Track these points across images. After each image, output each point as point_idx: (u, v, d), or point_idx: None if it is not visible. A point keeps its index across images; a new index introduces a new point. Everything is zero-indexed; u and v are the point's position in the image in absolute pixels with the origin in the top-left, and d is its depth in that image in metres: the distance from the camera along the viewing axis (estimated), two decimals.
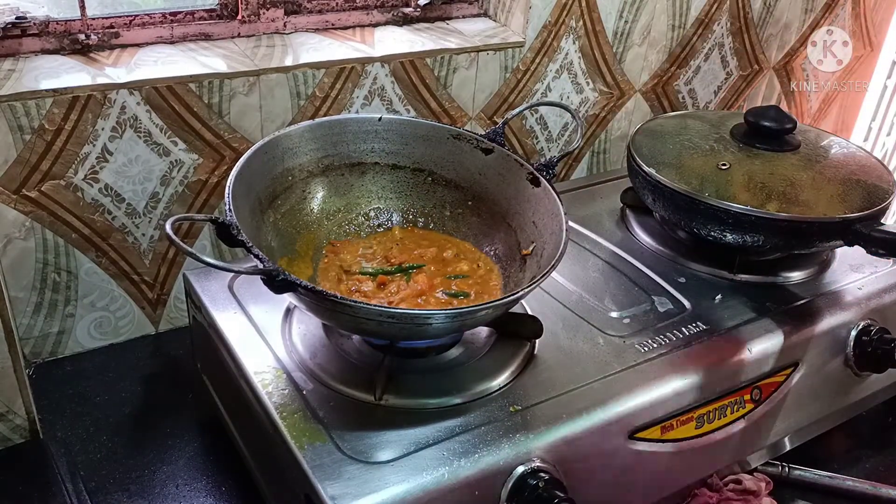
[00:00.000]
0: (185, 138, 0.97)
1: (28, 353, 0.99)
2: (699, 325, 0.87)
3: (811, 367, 0.90)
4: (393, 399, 0.73)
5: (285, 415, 0.71)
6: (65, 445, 0.89)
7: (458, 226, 0.90)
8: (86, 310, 1.01)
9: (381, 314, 0.68)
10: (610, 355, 0.81)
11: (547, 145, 1.29)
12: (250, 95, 0.99)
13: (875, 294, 0.95)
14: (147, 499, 0.83)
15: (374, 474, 0.65)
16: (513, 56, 1.17)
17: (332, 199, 0.88)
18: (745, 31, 1.42)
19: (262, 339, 0.80)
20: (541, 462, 0.70)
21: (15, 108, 0.86)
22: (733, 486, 0.86)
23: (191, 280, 0.87)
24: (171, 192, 0.99)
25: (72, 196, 0.93)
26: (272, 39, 1.07)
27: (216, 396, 0.89)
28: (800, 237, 0.92)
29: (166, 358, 1.04)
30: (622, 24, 1.25)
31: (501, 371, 0.77)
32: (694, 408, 0.81)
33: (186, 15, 1.02)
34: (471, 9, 1.23)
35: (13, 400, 0.83)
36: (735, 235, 0.92)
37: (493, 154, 0.88)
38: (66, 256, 0.96)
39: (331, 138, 0.87)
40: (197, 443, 0.91)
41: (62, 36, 0.95)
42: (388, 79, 1.08)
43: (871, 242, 0.89)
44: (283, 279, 0.66)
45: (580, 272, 0.95)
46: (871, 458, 0.98)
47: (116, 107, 0.91)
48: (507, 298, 0.71)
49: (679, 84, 1.40)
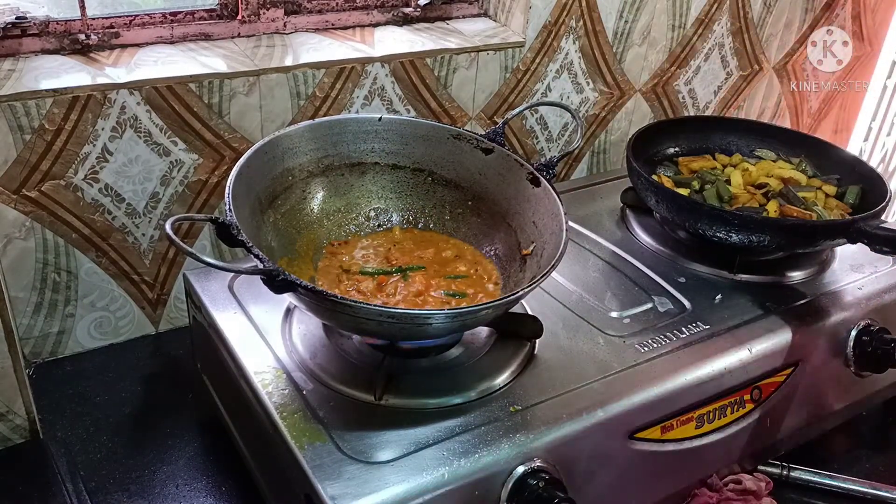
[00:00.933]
0: (185, 138, 0.97)
1: (28, 353, 0.99)
2: (699, 325, 0.87)
3: (811, 367, 0.90)
4: (393, 399, 0.73)
5: (285, 415, 0.71)
6: (65, 445, 0.89)
7: (458, 226, 0.90)
8: (86, 310, 1.01)
9: (381, 314, 0.68)
10: (610, 355, 0.81)
11: (547, 145, 1.29)
12: (250, 95, 0.99)
13: (875, 294, 0.95)
14: (147, 499, 0.83)
15: (374, 474, 0.65)
16: (513, 56, 1.17)
17: (332, 199, 0.88)
18: (746, 31, 1.42)
19: (262, 339, 0.80)
20: (541, 462, 0.70)
21: (15, 108, 0.86)
22: (733, 486, 0.86)
23: (191, 280, 0.87)
24: (171, 192, 0.99)
25: (72, 196, 0.93)
26: (272, 39, 1.07)
27: (216, 396, 0.89)
28: (804, 236, 0.92)
29: (166, 358, 1.04)
30: (622, 24, 1.25)
31: (501, 371, 0.77)
32: (694, 408, 0.81)
33: (186, 15, 1.02)
34: (471, 9, 1.23)
35: (13, 400, 0.83)
36: (741, 236, 0.92)
37: (493, 154, 0.88)
38: (66, 256, 0.96)
39: (331, 138, 0.87)
40: (197, 443, 0.91)
41: (62, 36, 0.95)
42: (388, 79, 1.08)
43: (875, 240, 0.89)
44: (283, 279, 0.66)
45: (580, 272, 0.95)
46: (871, 458, 0.98)
47: (116, 107, 0.91)
48: (507, 298, 0.71)
49: (679, 84, 1.40)
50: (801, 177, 1.06)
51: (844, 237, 0.91)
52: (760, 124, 1.19)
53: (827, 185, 1.06)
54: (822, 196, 1.04)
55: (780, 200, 1.01)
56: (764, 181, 1.05)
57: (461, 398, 0.74)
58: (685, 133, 1.16)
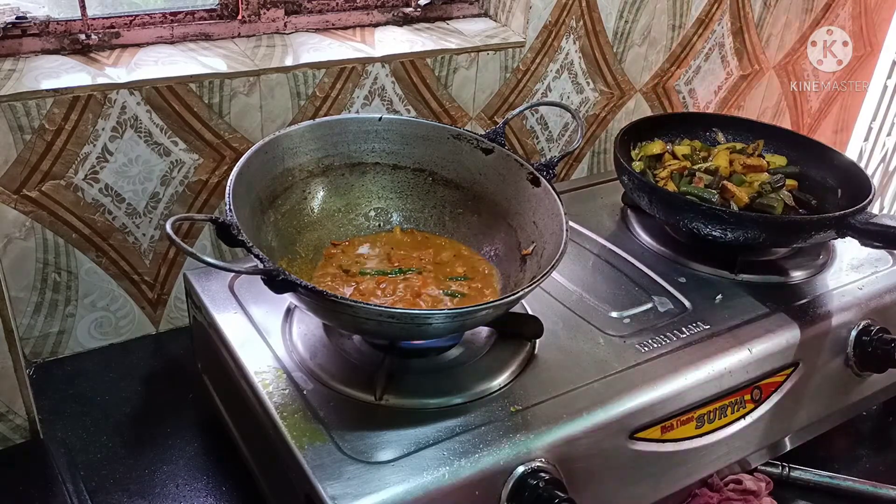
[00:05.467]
0: (186, 138, 0.97)
1: (28, 353, 0.99)
2: (699, 325, 0.87)
3: (811, 367, 0.90)
4: (393, 399, 0.73)
5: (286, 415, 0.71)
6: (65, 445, 0.89)
7: (458, 226, 0.90)
8: (86, 310, 1.01)
9: (381, 314, 0.68)
10: (610, 355, 0.81)
11: (547, 145, 1.29)
12: (251, 95, 0.99)
13: (875, 294, 0.95)
14: (147, 499, 0.83)
15: (375, 474, 0.65)
16: (513, 56, 1.17)
17: (332, 199, 0.88)
18: (746, 30, 1.42)
19: (262, 339, 0.80)
20: (541, 462, 0.70)
21: (15, 108, 0.86)
22: (734, 486, 0.86)
23: (191, 280, 0.87)
24: (172, 192, 1.00)
25: (72, 196, 0.93)
26: (272, 39, 1.07)
27: (216, 396, 0.89)
28: (793, 232, 0.93)
29: (166, 358, 1.04)
30: (622, 24, 1.25)
31: (502, 371, 0.77)
32: (694, 408, 0.81)
33: (187, 15, 1.02)
34: (471, 9, 1.23)
35: (13, 400, 0.83)
36: (734, 233, 0.92)
37: (493, 154, 0.88)
38: (67, 256, 0.96)
39: (331, 138, 0.87)
40: (197, 443, 0.91)
41: (62, 36, 0.95)
42: (389, 79, 1.08)
43: (865, 235, 0.90)
44: (283, 279, 0.66)
45: (580, 272, 0.95)
46: (871, 458, 0.98)
47: (117, 107, 0.91)
48: (507, 298, 0.71)
49: (679, 84, 1.40)
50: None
51: (834, 230, 0.92)
52: (743, 119, 1.19)
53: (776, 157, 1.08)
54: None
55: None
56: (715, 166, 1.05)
57: (461, 398, 0.74)
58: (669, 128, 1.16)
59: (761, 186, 1.02)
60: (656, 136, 1.12)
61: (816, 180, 1.07)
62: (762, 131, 1.14)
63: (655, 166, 1.08)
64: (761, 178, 1.02)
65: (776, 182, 1.02)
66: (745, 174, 1.03)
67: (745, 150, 1.10)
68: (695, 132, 1.15)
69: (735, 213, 0.94)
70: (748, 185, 1.02)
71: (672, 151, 1.09)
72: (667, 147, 1.10)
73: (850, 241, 0.93)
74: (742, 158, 1.06)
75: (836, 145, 1.60)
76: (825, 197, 1.05)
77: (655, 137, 1.11)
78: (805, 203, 1.04)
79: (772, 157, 1.09)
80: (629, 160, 1.05)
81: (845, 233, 0.91)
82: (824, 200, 1.04)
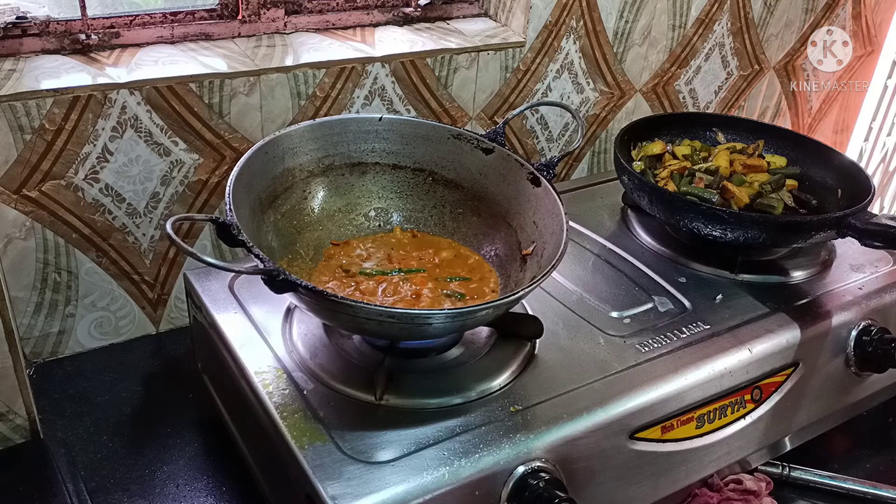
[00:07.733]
0: (186, 138, 0.97)
1: (28, 353, 0.99)
2: (700, 325, 0.87)
3: (811, 367, 0.90)
4: (393, 399, 0.73)
5: (286, 415, 0.71)
6: (65, 445, 0.89)
7: (458, 225, 0.90)
8: (86, 310, 1.01)
9: (382, 314, 0.68)
10: (610, 355, 0.81)
11: (547, 145, 1.29)
12: (251, 95, 0.99)
13: (875, 294, 0.95)
14: (147, 499, 0.83)
15: (375, 474, 0.65)
16: (513, 56, 1.17)
17: (332, 199, 0.88)
18: (746, 31, 1.42)
19: (262, 339, 0.80)
20: (541, 462, 0.70)
21: (15, 108, 0.86)
22: (734, 486, 0.86)
23: (191, 280, 0.87)
24: (172, 192, 0.99)
25: (72, 196, 0.93)
26: (272, 39, 1.07)
27: (216, 396, 0.89)
28: (795, 232, 0.92)
29: (166, 358, 1.04)
30: (623, 24, 1.25)
31: (502, 371, 0.77)
32: (694, 408, 0.81)
33: (187, 15, 1.02)
34: (471, 9, 1.23)
35: (13, 400, 0.83)
36: (734, 233, 0.92)
37: (493, 154, 0.88)
38: (67, 256, 0.96)
39: (331, 138, 0.87)
40: (197, 443, 0.91)
41: (63, 36, 0.95)
42: (389, 79, 1.08)
43: (865, 235, 0.90)
44: (283, 279, 0.66)
45: (581, 272, 0.95)
46: (871, 458, 0.98)
47: (117, 107, 0.91)
48: (507, 298, 0.71)
49: (679, 84, 1.40)
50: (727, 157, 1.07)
51: (835, 230, 0.92)
52: (743, 120, 1.19)
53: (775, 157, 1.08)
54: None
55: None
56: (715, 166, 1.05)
57: (461, 398, 0.74)
58: (668, 129, 1.16)
59: (761, 186, 1.02)
60: (656, 136, 1.12)
61: (816, 180, 1.07)
62: (762, 131, 1.14)
63: (655, 166, 1.08)
64: (761, 179, 1.03)
65: (776, 182, 1.02)
66: (746, 174, 1.03)
67: (745, 150, 1.10)
68: (695, 132, 1.15)
69: (735, 214, 0.94)
70: (748, 186, 1.02)
71: (672, 151, 1.09)
72: (667, 147, 1.10)
73: (851, 241, 0.93)
74: (742, 158, 1.06)
75: (836, 145, 1.61)
76: (825, 197, 1.05)
77: (655, 137, 1.12)
78: (805, 203, 1.04)
79: (772, 158, 1.09)
80: (629, 160, 1.05)
81: (845, 233, 0.91)
82: (824, 200, 1.04)
